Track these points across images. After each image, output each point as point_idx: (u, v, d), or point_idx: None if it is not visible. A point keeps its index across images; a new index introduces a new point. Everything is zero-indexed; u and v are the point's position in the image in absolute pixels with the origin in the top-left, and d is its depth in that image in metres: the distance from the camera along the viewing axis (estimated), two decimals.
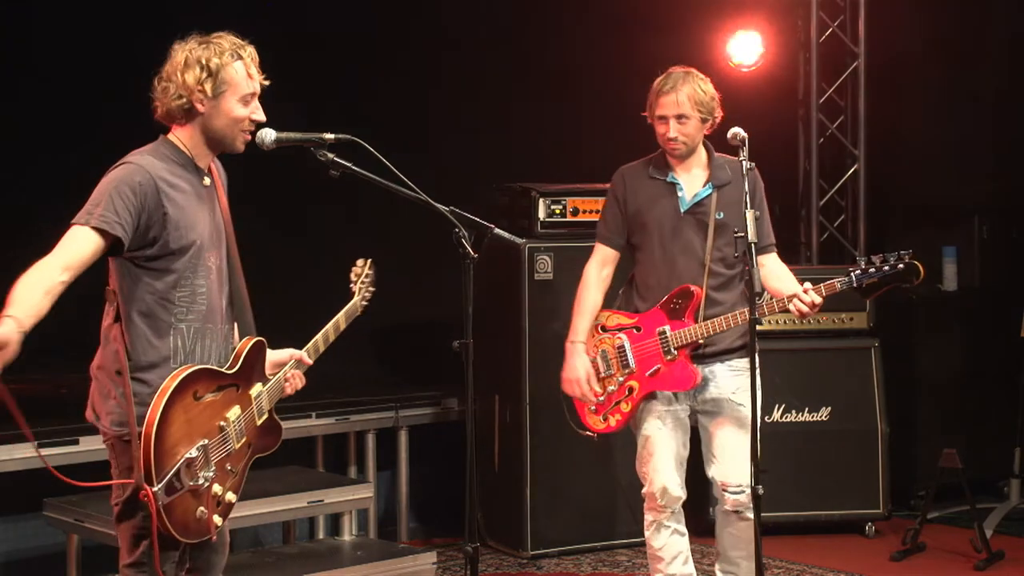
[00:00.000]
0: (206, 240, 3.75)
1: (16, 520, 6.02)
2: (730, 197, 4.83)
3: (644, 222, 4.93)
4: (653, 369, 4.87)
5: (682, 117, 4.82)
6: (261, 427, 3.89)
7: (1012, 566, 6.31)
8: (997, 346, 7.34)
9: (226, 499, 3.74)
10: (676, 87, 4.84)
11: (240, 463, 3.81)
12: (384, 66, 7.18)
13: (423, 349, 7.13)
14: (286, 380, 3.99)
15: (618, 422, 4.98)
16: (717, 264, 4.86)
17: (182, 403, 3.59)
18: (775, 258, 4.96)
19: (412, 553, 6.15)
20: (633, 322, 4.94)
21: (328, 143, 4.02)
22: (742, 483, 4.84)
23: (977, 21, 7.74)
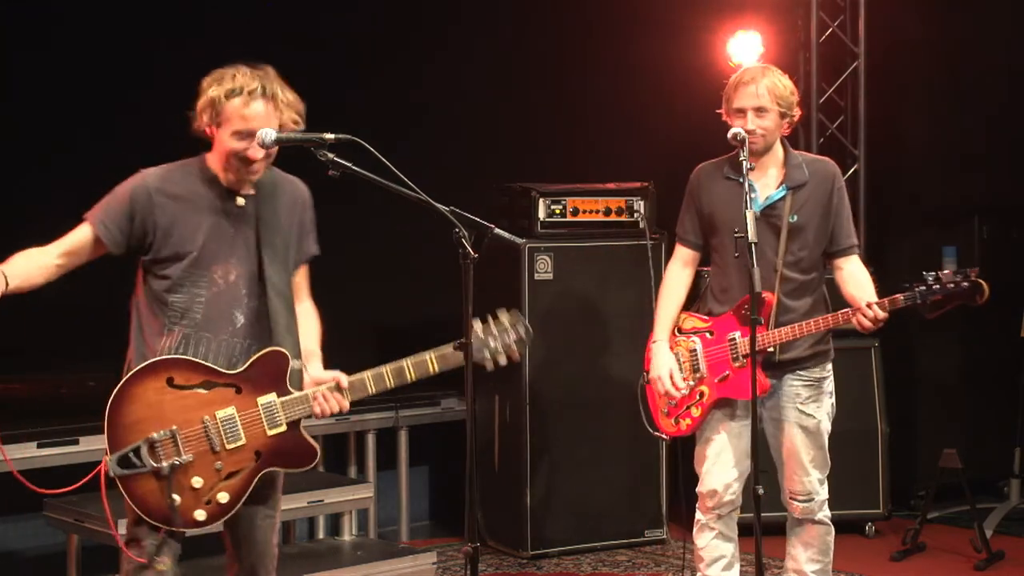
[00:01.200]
0: (209, 253, 3.91)
1: (16, 520, 6.02)
2: (806, 199, 4.72)
3: (717, 224, 4.81)
4: (723, 375, 4.78)
5: (761, 110, 4.64)
6: (276, 439, 3.91)
7: (1012, 566, 6.31)
8: (997, 346, 7.34)
9: (216, 498, 3.84)
10: (756, 79, 4.65)
11: (241, 466, 3.87)
12: (384, 66, 7.18)
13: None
14: (314, 399, 3.98)
15: (688, 426, 4.89)
16: (790, 269, 4.73)
17: (152, 385, 3.80)
18: (855, 261, 4.82)
19: (412, 553, 6.16)
20: (707, 326, 4.84)
21: (328, 143, 4.02)
22: (810, 491, 4.82)
23: (977, 21, 7.73)
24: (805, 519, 4.90)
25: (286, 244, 4.08)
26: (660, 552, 6.53)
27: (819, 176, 4.78)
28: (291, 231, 4.11)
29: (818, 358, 4.84)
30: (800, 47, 7.58)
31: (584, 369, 6.56)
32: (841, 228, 4.81)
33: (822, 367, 4.86)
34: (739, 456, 4.84)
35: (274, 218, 4.04)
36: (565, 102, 7.58)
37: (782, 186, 4.75)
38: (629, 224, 6.63)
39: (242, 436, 3.87)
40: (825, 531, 4.90)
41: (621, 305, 6.56)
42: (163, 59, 6.52)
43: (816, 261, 4.81)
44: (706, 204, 4.85)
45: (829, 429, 4.89)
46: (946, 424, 7.28)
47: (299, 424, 3.97)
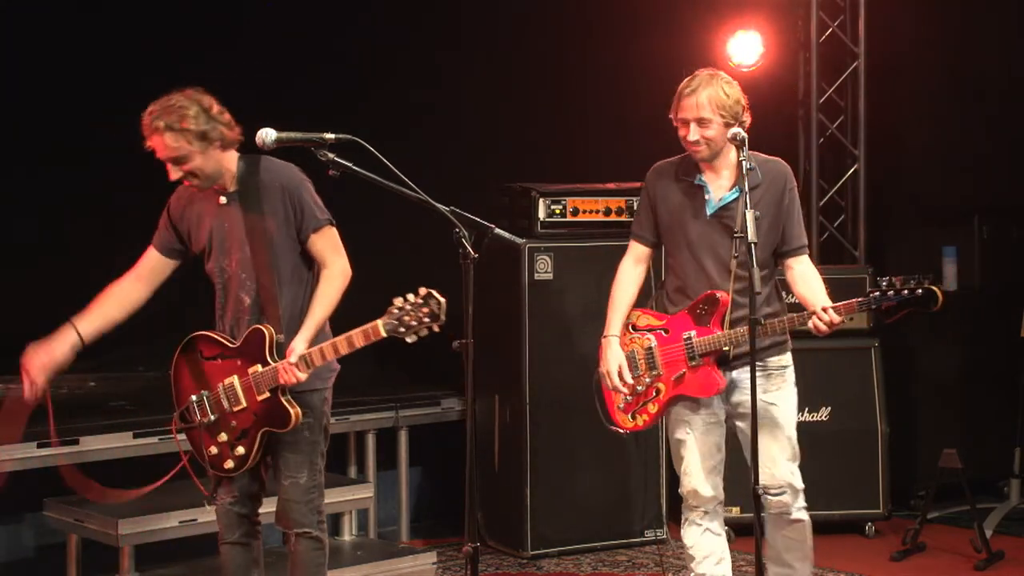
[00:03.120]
0: (215, 248, 4.54)
1: (16, 520, 6.02)
2: (758, 199, 4.71)
3: (672, 224, 4.86)
4: (679, 374, 4.81)
5: (703, 120, 4.68)
6: (264, 403, 4.48)
7: (1012, 566, 6.31)
8: (997, 346, 7.34)
9: (236, 452, 4.53)
10: (697, 90, 4.68)
11: (247, 425, 4.50)
12: (384, 66, 7.18)
13: (423, 349, 7.12)
14: (278, 371, 4.44)
15: (645, 422, 4.94)
16: (743, 268, 4.69)
17: (191, 358, 4.61)
18: (806, 260, 4.84)
19: (412, 553, 6.16)
20: (662, 324, 4.87)
21: (328, 143, 4.04)
22: (780, 483, 4.82)
23: (977, 21, 7.73)
24: (782, 515, 4.87)
25: (276, 228, 4.47)
26: (660, 552, 6.53)
27: (771, 177, 4.77)
28: (277, 215, 4.47)
29: (775, 348, 4.83)
30: (800, 47, 7.58)
31: (584, 369, 6.52)
32: (792, 228, 4.81)
33: (780, 356, 4.85)
34: (710, 451, 4.86)
35: (256, 207, 4.46)
36: (565, 102, 7.58)
37: (734, 188, 4.75)
38: (629, 224, 6.59)
39: (243, 400, 4.50)
40: (802, 526, 4.89)
41: None
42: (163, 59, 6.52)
43: (767, 259, 4.80)
44: (661, 204, 4.89)
45: (794, 418, 4.88)
46: (946, 424, 7.28)
47: (281, 391, 4.46)
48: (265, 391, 4.46)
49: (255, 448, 4.52)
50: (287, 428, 4.49)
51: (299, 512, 4.64)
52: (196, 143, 4.35)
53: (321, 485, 4.70)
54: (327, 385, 4.68)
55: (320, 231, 4.52)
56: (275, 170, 4.50)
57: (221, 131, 4.39)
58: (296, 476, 4.61)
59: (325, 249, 4.54)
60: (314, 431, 4.63)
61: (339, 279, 4.55)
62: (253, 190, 4.47)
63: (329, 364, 4.60)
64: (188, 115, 4.35)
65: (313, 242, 4.53)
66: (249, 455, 4.53)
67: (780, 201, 4.78)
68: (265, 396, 4.46)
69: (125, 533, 5.44)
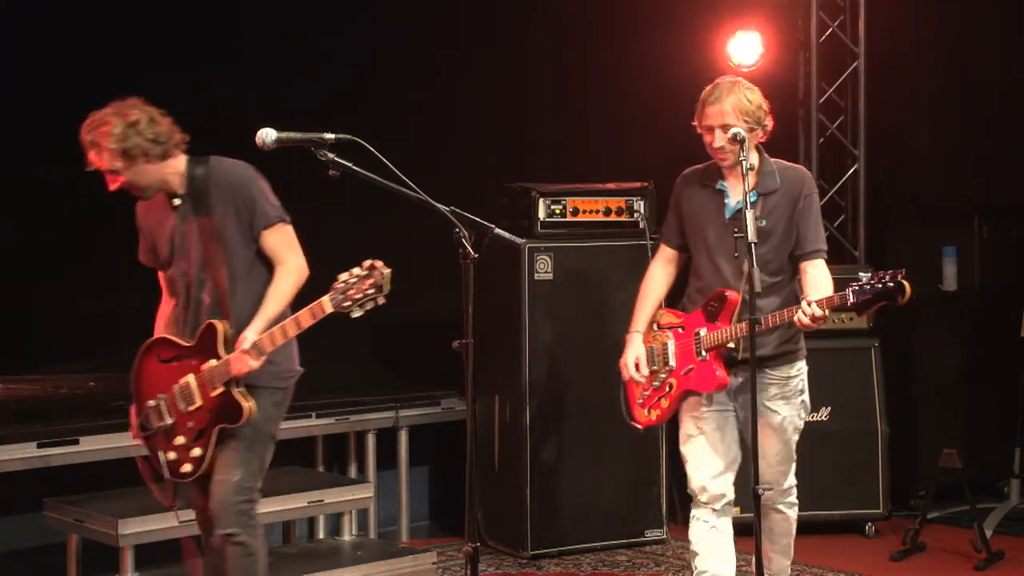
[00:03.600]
0: (174, 251, 4.52)
1: (16, 520, 6.02)
2: (775, 205, 4.86)
3: (694, 227, 4.98)
4: (687, 368, 4.93)
5: (727, 127, 4.76)
6: (217, 399, 4.42)
7: (1012, 566, 6.31)
8: (997, 346, 7.33)
9: (193, 454, 4.46)
10: (720, 97, 4.79)
11: (203, 425, 4.44)
12: (384, 66, 7.18)
13: (423, 349, 7.13)
14: (229, 362, 4.39)
15: (658, 416, 5.07)
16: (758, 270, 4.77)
17: (150, 363, 4.57)
18: (819, 264, 4.92)
19: (412, 553, 6.16)
20: (679, 321, 5.00)
21: (328, 143, 4.04)
22: (769, 481, 4.94)
23: (977, 21, 7.73)
24: (767, 506, 5.02)
25: (227, 228, 4.44)
26: (660, 552, 6.53)
27: (788, 183, 4.90)
28: (228, 215, 4.44)
29: (785, 357, 4.94)
30: (800, 47, 7.58)
31: (584, 369, 6.56)
32: (807, 233, 4.90)
33: (790, 366, 4.95)
34: (722, 447, 4.95)
35: (207, 208, 4.44)
36: (565, 102, 7.58)
37: (752, 191, 4.85)
38: (629, 224, 6.63)
39: (197, 398, 4.45)
40: (783, 518, 5.09)
41: (621, 305, 6.53)
42: (163, 60, 6.52)
43: (784, 264, 4.92)
44: (686, 208, 5.02)
45: (799, 427, 5.01)
46: (946, 424, 7.28)
47: (235, 384, 4.41)
48: (219, 385, 4.40)
49: (210, 447, 4.45)
50: (240, 422, 4.41)
51: (224, 512, 4.49)
52: (120, 160, 4.35)
53: (253, 489, 4.54)
54: (279, 386, 4.58)
55: (272, 228, 4.47)
56: (224, 169, 4.49)
57: (146, 147, 4.35)
58: (227, 475, 4.48)
59: (278, 246, 4.49)
60: (256, 430, 4.50)
61: (293, 275, 4.47)
62: (203, 191, 4.45)
63: (284, 366, 4.56)
64: (110, 133, 4.34)
65: (265, 239, 4.47)
66: (205, 456, 4.46)
67: (794, 206, 4.88)
68: (219, 391, 4.41)
69: (125, 533, 5.43)
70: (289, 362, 4.62)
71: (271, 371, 4.48)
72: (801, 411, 5.00)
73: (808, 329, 4.72)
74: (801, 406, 4.99)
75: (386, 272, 4.19)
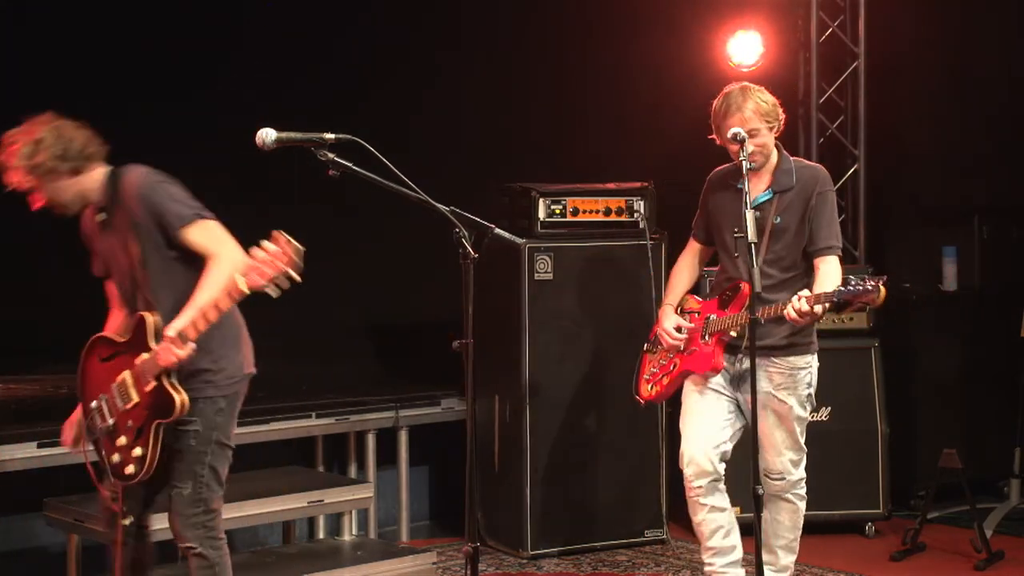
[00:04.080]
0: (111, 262, 4.54)
1: (16, 520, 6.02)
2: (790, 202, 5.02)
3: (716, 225, 5.22)
4: (691, 350, 5.18)
5: (753, 131, 4.94)
6: (151, 393, 4.35)
7: (1012, 566, 6.31)
8: (997, 346, 7.33)
9: (135, 454, 4.38)
10: (741, 106, 4.94)
11: (141, 422, 4.36)
12: (384, 66, 7.18)
13: (423, 349, 7.12)
14: (156, 353, 4.32)
15: (657, 393, 5.34)
16: (771, 267, 5.02)
17: (91, 365, 4.55)
18: (830, 262, 5.05)
19: (412, 553, 6.16)
20: (698, 307, 5.27)
21: (328, 143, 4.03)
22: (781, 471, 5.12)
23: (977, 21, 7.73)
24: (777, 496, 5.17)
25: (146, 233, 4.39)
26: (660, 552, 6.53)
27: (804, 181, 5.05)
28: (144, 220, 4.39)
29: (794, 348, 5.08)
30: (800, 47, 7.58)
31: (584, 369, 6.56)
32: (819, 230, 5.05)
33: (799, 357, 5.09)
34: (714, 425, 5.12)
35: (124, 217, 4.42)
36: (565, 102, 7.58)
37: (768, 189, 5.05)
38: (629, 224, 6.63)
39: (133, 394, 4.38)
40: (792, 508, 5.21)
41: (621, 305, 6.56)
42: (163, 60, 6.52)
43: (797, 260, 5.07)
44: (711, 205, 5.23)
45: (804, 417, 5.15)
46: (946, 424, 7.27)
47: (165, 377, 4.32)
48: (151, 379, 4.33)
49: (151, 446, 4.35)
50: (172, 415, 4.32)
51: (182, 525, 4.48)
52: (30, 178, 4.35)
53: (208, 500, 4.50)
54: (223, 393, 4.51)
55: (190, 226, 4.38)
56: (131, 179, 4.43)
57: (52, 164, 4.32)
58: (180, 486, 4.47)
59: (205, 241, 4.39)
60: (200, 440, 4.46)
61: (224, 264, 4.31)
62: (118, 202, 4.42)
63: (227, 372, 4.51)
64: (16, 152, 4.33)
65: (187, 239, 4.38)
66: (147, 455, 4.36)
67: (807, 203, 5.03)
68: (152, 385, 4.33)
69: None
70: (233, 367, 4.55)
71: (209, 379, 4.44)
72: (806, 404, 5.14)
73: (797, 324, 4.84)
74: (807, 399, 5.13)
75: (298, 247, 4.11)
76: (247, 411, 6.18)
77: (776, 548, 5.23)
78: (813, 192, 5.03)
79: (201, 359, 4.38)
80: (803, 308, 4.73)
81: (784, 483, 5.15)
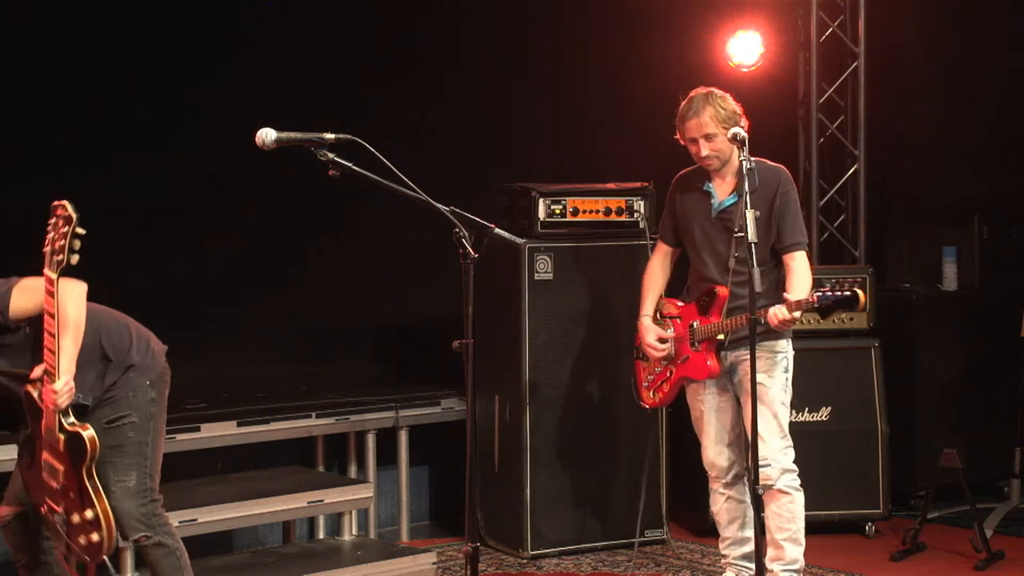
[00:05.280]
0: None
1: None
2: (753, 203, 5.09)
3: (684, 227, 5.48)
4: (684, 357, 5.44)
5: (709, 136, 5.23)
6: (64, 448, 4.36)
7: (1012, 566, 6.31)
8: (997, 346, 7.33)
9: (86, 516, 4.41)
10: (698, 111, 5.24)
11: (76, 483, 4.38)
12: (384, 66, 7.18)
13: (423, 349, 7.13)
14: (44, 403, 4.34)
15: (660, 399, 5.62)
16: (741, 264, 5.16)
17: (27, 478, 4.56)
18: (797, 258, 5.31)
19: (412, 553, 6.16)
20: (678, 312, 5.49)
21: (328, 143, 4.03)
22: (767, 456, 5.21)
23: (976, 21, 7.73)
24: (767, 486, 5.23)
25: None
26: (660, 552, 6.53)
27: (766, 181, 5.24)
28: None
29: (771, 334, 5.26)
30: (800, 47, 7.58)
31: (584, 369, 6.56)
32: (784, 227, 5.29)
33: (775, 342, 5.31)
34: (724, 426, 5.44)
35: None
36: (565, 102, 7.57)
37: (733, 193, 5.28)
38: (629, 224, 6.63)
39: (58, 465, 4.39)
40: (788, 499, 5.32)
41: (621, 305, 6.55)
42: (163, 59, 6.52)
43: (765, 255, 5.25)
44: (678, 208, 5.52)
45: (785, 402, 5.33)
46: (946, 424, 7.28)
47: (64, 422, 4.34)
48: (58, 435, 4.34)
49: (96, 498, 4.39)
50: (87, 451, 4.34)
51: (132, 518, 4.54)
52: None
53: (153, 489, 4.59)
54: (149, 378, 4.58)
55: (10, 304, 4.36)
56: None
57: None
58: (124, 479, 4.51)
59: (31, 303, 4.36)
60: (139, 431, 4.53)
61: (64, 324, 4.29)
62: None
63: (140, 358, 4.54)
64: None
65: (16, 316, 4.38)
66: (97, 511, 4.39)
67: (772, 203, 5.26)
68: (62, 440, 4.35)
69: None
70: (141, 348, 4.58)
71: (129, 375, 4.48)
72: (786, 387, 5.35)
73: (777, 328, 5.11)
74: (785, 383, 5.35)
75: (65, 204, 4.18)
76: (247, 411, 6.22)
77: (781, 542, 5.32)
78: (776, 192, 5.27)
79: (107, 368, 4.44)
80: (784, 316, 5.03)
81: (771, 469, 5.24)
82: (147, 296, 4.74)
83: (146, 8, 6.48)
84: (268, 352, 6.98)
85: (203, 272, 6.63)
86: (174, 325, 5.99)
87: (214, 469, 6.35)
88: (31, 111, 6.20)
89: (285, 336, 7.05)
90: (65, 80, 6.32)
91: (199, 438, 6.01)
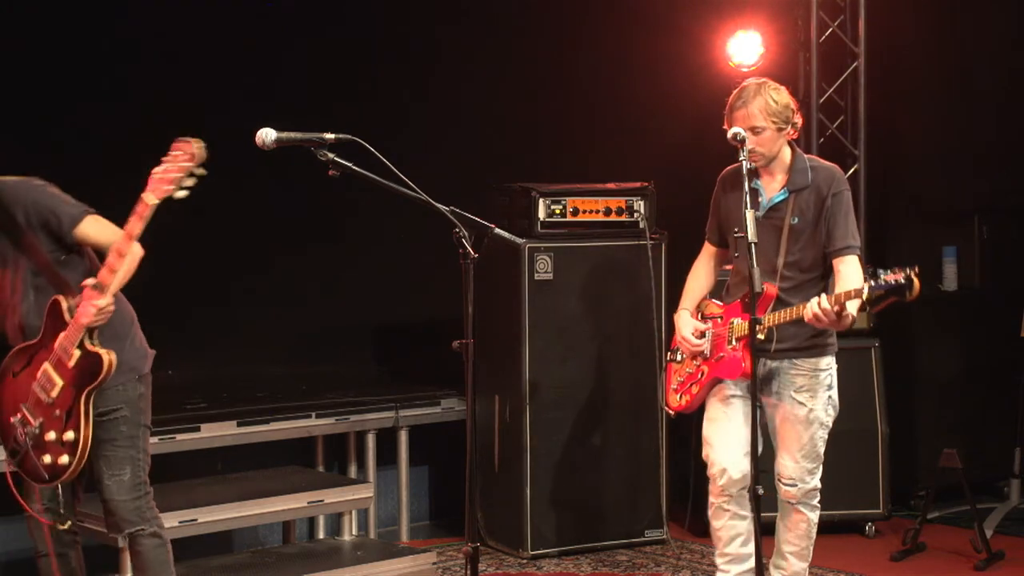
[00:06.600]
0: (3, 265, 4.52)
1: (16, 520, 6.01)
2: (805, 202, 4.96)
3: (729, 226, 5.09)
4: (718, 356, 5.07)
5: (756, 129, 4.88)
6: (75, 367, 4.33)
7: (1012, 566, 6.31)
8: (997, 346, 7.34)
9: (66, 437, 4.34)
10: (747, 101, 4.90)
11: (69, 404, 4.34)
12: (385, 66, 7.18)
13: (423, 349, 7.12)
14: (75, 317, 4.31)
15: (687, 402, 5.21)
16: (790, 268, 4.97)
17: (4, 385, 4.49)
18: (849, 262, 4.97)
19: (412, 553, 6.16)
20: (720, 312, 5.15)
21: (328, 143, 4.03)
22: (794, 477, 5.04)
23: (977, 21, 7.73)
24: (788, 503, 5.11)
25: (37, 236, 4.42)
26: (660, 552, 6.53)
27: (819, 181, 4.99)
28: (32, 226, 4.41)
29: (815, 350, 5.03)
30: (800, 47, 7.57)
31: (584, 369, 6.56)
32: (836, 230, 4.97)
33: (819, 359, 5.04)
34: (745, 434, 4.97)
35: (13, 224, 4.42)
36: (565, 102, 7.58)
37: (783, 189, 4.99)
38: (629, 224, 6.63)
39: (57, 379, 4.34)
40: (804, 520, 5.12)
41: (621, 305, 6.56)
42: (163, 59, 6.52)
43: (816, 261, 5.00)
44: (723, 206, 5.15)
45: (826, 423, 5.08)
46: (946, 424, 7.28)
47: (87, 341, 4.33)
48: (73, 351, 4.32)
49: (83, 425, 4.33)
50: (102, 373, 4.32)
51: (128, 510, 4.56)
52: None
53: (146, 482, 4.61)
54: (139, 374, 4.59)
55: (82, 223, 4.43)
56: (13, 186, 4.45)
57: None
58: (119, 473, 4.52)
59: (99, 235, 4.45)
60: (131, 425, 4.55)
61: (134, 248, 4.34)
62: (5, 212, 4.42)
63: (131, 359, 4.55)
64: None
65: (81, 237, 4.44)
66: (79, 436, 4.33)
67: (822, 204, 4.97)
68: (75, 357, 4.33)
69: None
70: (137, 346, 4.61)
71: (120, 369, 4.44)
72: (828, 407, 5.08)
73: (818, 325, 4.78)
74: (828, 402, 5.08)
75: (199, 143, 4.18)
76: (247, 411, 6.22)
77: (787, 553, 5.18)
78: (828, 192, 4.98)
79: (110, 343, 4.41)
80: (825, 307, 4.68)
81: (795, 490, 5.05)
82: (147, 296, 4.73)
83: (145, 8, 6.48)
84: (268, 352, 6.98)
85: (203, 272, 6.63)
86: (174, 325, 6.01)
87: (214, 469, 6.35)
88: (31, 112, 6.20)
89: (285, 336, 7.05)
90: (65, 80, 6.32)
91: (199, 438, 6.01)
